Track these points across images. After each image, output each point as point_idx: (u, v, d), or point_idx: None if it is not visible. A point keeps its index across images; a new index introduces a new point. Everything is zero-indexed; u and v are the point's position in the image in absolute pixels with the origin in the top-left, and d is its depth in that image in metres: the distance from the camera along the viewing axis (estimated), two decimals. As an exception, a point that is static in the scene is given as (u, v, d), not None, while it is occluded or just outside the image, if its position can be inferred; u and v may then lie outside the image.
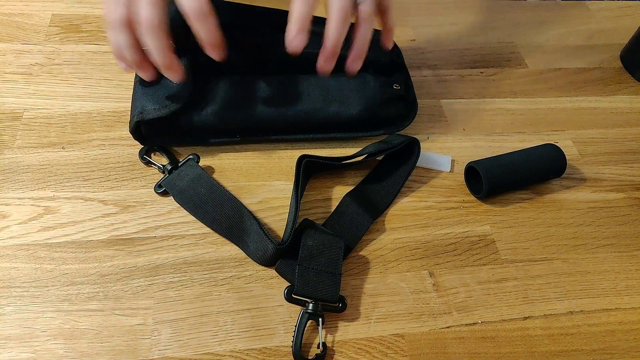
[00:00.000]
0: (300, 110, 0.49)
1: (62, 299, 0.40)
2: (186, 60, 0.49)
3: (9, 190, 0.45)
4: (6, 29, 0.59)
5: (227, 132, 0.49)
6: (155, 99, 0.46)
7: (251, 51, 0.51)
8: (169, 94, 0.46)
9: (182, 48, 0.48)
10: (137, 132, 0.48)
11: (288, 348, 0.39)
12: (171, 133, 0.49)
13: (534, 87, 0.62)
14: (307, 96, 0.50)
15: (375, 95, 0.51)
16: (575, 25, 0.71)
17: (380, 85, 0.51)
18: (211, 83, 0.49)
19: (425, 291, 0.43)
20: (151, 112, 0.45)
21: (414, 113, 0.53)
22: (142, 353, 0.38)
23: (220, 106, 0.48)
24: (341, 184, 0.50)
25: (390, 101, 0.52)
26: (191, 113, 0.47)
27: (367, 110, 0.50)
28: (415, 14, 0.69)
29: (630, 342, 0.42)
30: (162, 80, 0.47)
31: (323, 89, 0.50)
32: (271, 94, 0.49)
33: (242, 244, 0.44)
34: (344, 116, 0.50)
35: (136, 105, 0.46)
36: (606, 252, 0.48)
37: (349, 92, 0.51)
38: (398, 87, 0.52)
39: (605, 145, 0.57)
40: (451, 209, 0.49)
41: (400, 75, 0.55)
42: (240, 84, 0.49)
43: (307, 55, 0.52)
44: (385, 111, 0.52)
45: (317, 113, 0.50)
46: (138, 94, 0.47)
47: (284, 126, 0.50)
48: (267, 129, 0.50)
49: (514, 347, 0.41)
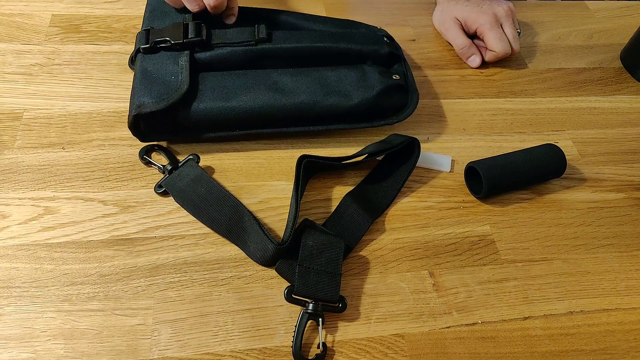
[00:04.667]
0: (299, 102, 0.49)
1: (62, 299, 0.40)
2: (185, 57, 0.49)
3: (9, 190, 0.45)
4: (6, 29, 0.59)
5: (226, 125, 0.49)
6: (152, 93, 0.46)
7: (248, 47, 0.51)
8: (168, 88, 0.47)
9: (180, 43, 0.49)
10: (136, 128, 0.47)
11: (288, 348, 0.39)
12: (170, 128, 0.49)
13: (534, 87, 0.62)
14: (306, 89, 0.50)
15: (375, 85, 0.51)
16: (575, 25, 0.71)
17: (379, 76, 0.51)
18: (209, 76, 0.49)
19: (425, 291, 0.43)
20: (149, 105, 0.46)
21: (415, 101, 0.53)
22: (142, 353, 0.38)
23: (219, 99, 0.48)
24: (341, 184, 0.50)
25: (390, 91, 0.52)
26: (189, 106, 0.47)
27: (367, 101, 0.50)
28: (415, 14, 0.69)
29: (630, 342, 0.42)
30: (159, 76, 0.48)
31: (322, 81, 0.50)
32: (270, 87, 0.49)
33: (242, 244, 0.44)
34: (343, 107, 0.50)
35: (134, 100, 0.47)
36: (606, 252, 0.48)
37: (348, 83, 0.51)
38: (397, 77, 0.53)
39: (605, 145, 0.57)
40: (451, 209, 0.49)
41: (399, 66, 0.55)
42: (239, 77, 0.50)
43: (303, 49, 0.52)
44: (386, 101, 0.52)
45: (317, 105, 0.49)
46: (136, 88, 0.47)
47: (283, 119, 0.50)
48: (266, 121, 0.50)
49: (514, 347, 0.41)
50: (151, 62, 0.49)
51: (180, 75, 0.47)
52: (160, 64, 0.49)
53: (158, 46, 0.50)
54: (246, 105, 0.48)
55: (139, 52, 0.50)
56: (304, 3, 0.68)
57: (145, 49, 0.49)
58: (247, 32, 0.52)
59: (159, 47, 0.50)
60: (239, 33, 0.52)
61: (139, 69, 0.49)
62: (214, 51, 0.50)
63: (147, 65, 0.49)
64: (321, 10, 0.67)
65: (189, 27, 0.50)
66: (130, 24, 0.61)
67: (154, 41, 0.50)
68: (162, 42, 0.50)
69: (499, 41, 0.60)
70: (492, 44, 0.60)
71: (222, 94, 0.48)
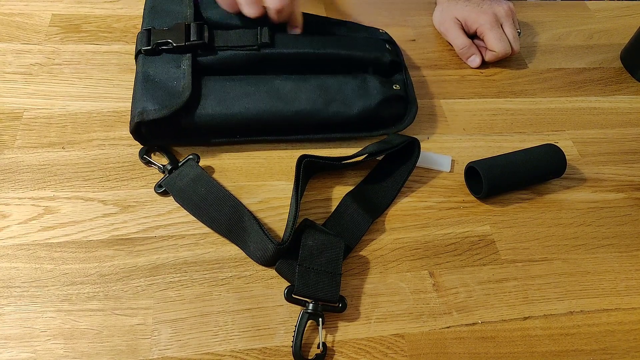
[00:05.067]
0: (300, 110, 0.49)
1: (62, 299, 0.40)
2: (187, 60, 0.49)
3: (9, 190, 0.45)
4: (6, 29, 0.59)
5: (227, 132, 0.49)
6: (155, 99, 0.46)
7: (251, 52, 0.51)
8: (170, 94, 0.46)
9: (182, 46, 0.49)
10: (138, 133, 0.47)
11: (288, 348, 0.39)
12: (172, 133, 0.49)
13: (534, 87, 0.62)
14: (307, 97, 0.50)
15: (376, 95, 0.51)
16: (575, 25, 0.71)
17: (380, 86, 0.51)
18: (211, 81, 0.49)
19: (425, 291, 0.43)
20: (152, 112, 0.45)
21: (414, 113, 0.53)
22: (142, 353, 0.38)
23: (221, 106, 0.48)
24: (341, 184, 0.50)
25: (390, 101, 0.52)
26: (192, 113, 0.47)
27: (367, 111, 0.50)
28: (415, 14, 0.69)
29: (630, 342, 0.42)
30: (161, 80, 0.47)
31: (323, 90, 0.50)
32: (272, 94, 0.49)
33: (242, 244, 0.44)
34: (343, 116, 0.50)
35: (136, 105, 0.46)
36: (606, 252, 0.48)
37: (349, 92, 0.51)
38: (398, 87, 0.53)
39: (605, 145, 0.57)
40: (451, 209, 0.49)
41: (400, 75, 0.55)
42: (241, 83, 0.49)
43: (305, 55, 0.52)
44: (385, 111, 0.52)
45: (317, 113, 0.50)
46: (138, 94, 0.47)
47: (284, 126, 0.50)
48: (267, 129, 0.50)
49: (514, 347, 0.41)
50: (152, 65, 0.49)
51: (183, 80, 0.47)
52: (162, 68, 0.48)
53: (160, 48, 0.49)
54: (248, 112, 0.48)
55: (140, 54, 0.50)
56: (303, 3, 0.68)
57: (147, 50, 0.49)
58: (250, 35, 0.51)
59: (161, 49, 0.49)
60: (242, 36, 0.51)
61: (140, 72, 0.48)
62: (216, 55, 0.50)
63: (149, 69, 0.48)
64: (321, 10, 0.67)
65: (191, 28, 0.50)
66: (130, 24, 0.61)
67: (156, 43, 0.49)
68: (164, 44, 0.49)
69: (499, 41, 0.60)
70: (492, 44, 0.60)
71: (224, 100, 0.48)
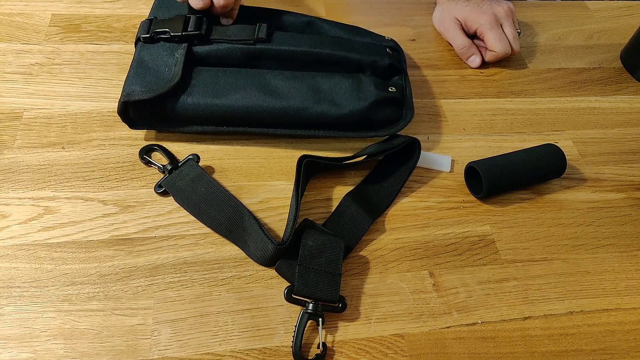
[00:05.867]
0: (288, 106, 0.49)
1: (62, 299, 0.40)
2: (182, 49, 0.49)
3: (9, 190, 0.45)
4: (6, 29, 0.59)
5: (213, 121, 0.50)
6: (144, 82, 0.47)
7: (247, 46, 0.51)
8: (159, 79, 0.47)
9: (178, 35, 0.49)
10: (125, 114, 0.49)
11: (288, 348, 0.39)
12: (158, 118, 0.49)
13: (534, 87, 0.62)
14: (296, 93, 0.50)
15: (368, 97, 0.50)
16: (575, 25, 0.71)
17: (374, 87, 0.51)
18: (203, 71, 0.50)
19: (425, 291, 0.43)
20: (138, 93, 0.47)
21: (409, 118, 0.52)
22: (142, 353, 0.38)
23: (209, 95, 0.48)
24: (341, 184, 0.50)
25: (384, 103, 0.51)
26: (178, 99, 0.48)
27: (358, 111, 0.50)
28: (415, 14, 0.69)
29: (630, 342, 0.42)
30: (154, 66, 0.48)
31: (314, 88, 0.50)
32: (262, 88, 0.49)
33: (242, 244, 0.44)
34: (333, 115, 0.50)
35: (125, 87, 0.48)
36: (606, 252, 0.48)
37: (342, 92, 0.50)
38: (394, 90, 0.52)
39: (605, 145, 0.57)
40: (451, 209, 0.49)
41: (399, 80, 0.54)
42: (232, 75, 0.50)
43: (301, 53, 0.52)
44: (378, 113, 0.51)
45: (305, 110, 0.49)
46: (130, 77, 0.48)
47: (270, 119, 0.50)
48: (254, 121, 0.50)
49: (514, 347, 0.41)
50: (148, 51, 0.50)
51: (174, 68, 0.48)
52: (156, 55, 0.50)
53: (157, 37, 0.50)
54: (235, 104, 0.48)
55: (139, 41, 0.51)
56: (304, 3, 0.68)
57: (145, 38, 0.50)
58: (247, 30, 0.52)
59: (159, 37, 0.50)
60: (240, 30, 0.52)
61: (136, 57, 0.50)
62: (211, 46, 0.51)
63: (144, 55, 0.50)
64: (321, 10, 0.67)
65: (190, 20, 0.51)
66: (130, 24, 0.61)
67: (154, 31, 0.50)
68: (162, 32, 0.50)
69: (499, 41, 0.60)
70: (492, 44, 0.60)
71: (212, 90, 0.48)
